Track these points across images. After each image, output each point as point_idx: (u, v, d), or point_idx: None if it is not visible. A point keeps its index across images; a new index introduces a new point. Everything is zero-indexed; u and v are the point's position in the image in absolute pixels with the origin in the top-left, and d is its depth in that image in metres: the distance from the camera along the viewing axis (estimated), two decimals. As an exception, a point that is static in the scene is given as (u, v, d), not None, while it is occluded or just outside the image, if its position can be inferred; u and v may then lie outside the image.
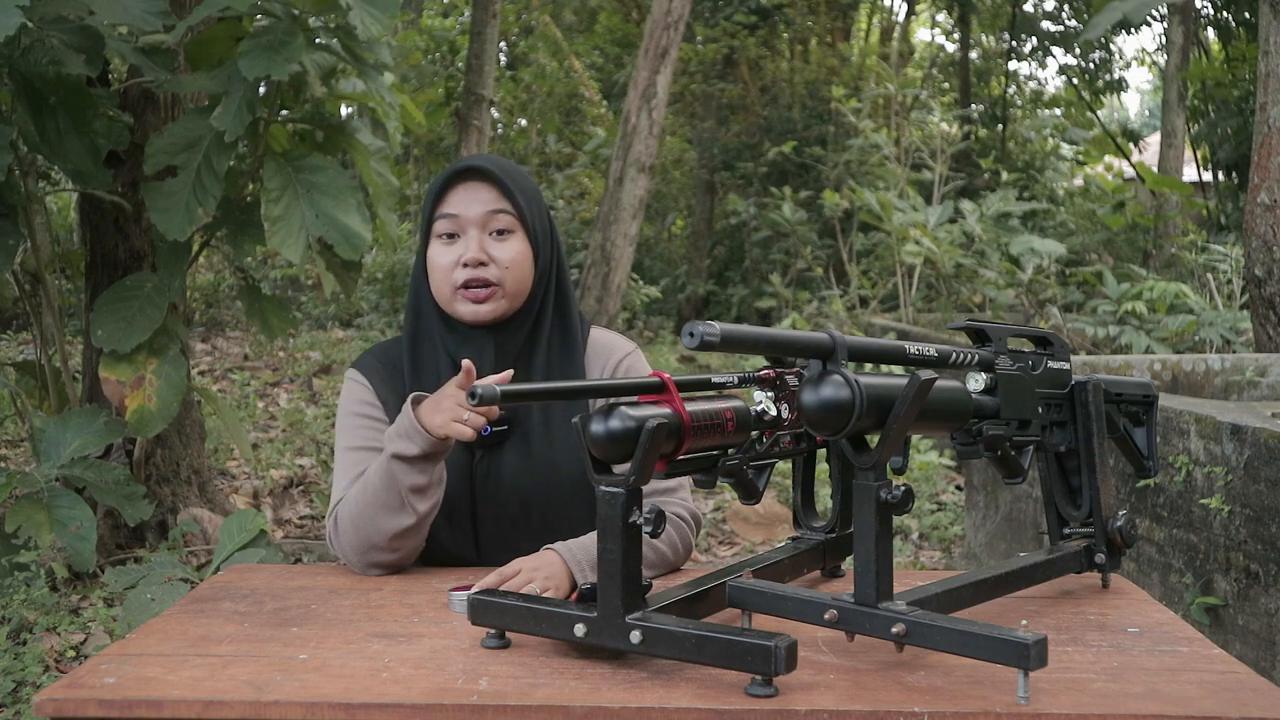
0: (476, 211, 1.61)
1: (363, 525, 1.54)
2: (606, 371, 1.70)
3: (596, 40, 14.82)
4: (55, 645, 3.02)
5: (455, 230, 1.62)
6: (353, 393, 1.68)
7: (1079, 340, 6.86)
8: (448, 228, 1.62)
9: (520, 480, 1.61)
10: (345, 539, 1.56)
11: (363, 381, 1.67)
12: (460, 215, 1.61)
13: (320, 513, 4.56)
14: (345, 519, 1.56)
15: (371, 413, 1.65)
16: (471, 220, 1.61)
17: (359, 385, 1.67)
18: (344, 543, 1.57)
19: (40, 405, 3.56)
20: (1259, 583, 2.44)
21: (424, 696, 1.10)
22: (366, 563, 1.57)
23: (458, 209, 1.62)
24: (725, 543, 4.43)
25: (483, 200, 1.61)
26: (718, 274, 12.36)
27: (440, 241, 1.63)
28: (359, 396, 1.67)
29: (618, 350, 1.73)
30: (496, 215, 1.61)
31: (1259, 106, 4.48)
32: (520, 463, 1.62)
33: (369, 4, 2.97)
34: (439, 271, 1.62)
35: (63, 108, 2.93)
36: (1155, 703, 1.09)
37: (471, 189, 1.62)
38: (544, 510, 1.62)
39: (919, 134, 10.59)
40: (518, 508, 1.62)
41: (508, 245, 1.62)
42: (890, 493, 1.13)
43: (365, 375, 1.68)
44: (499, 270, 1.60)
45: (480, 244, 1.60)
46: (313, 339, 9.21)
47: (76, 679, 1.15)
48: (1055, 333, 1.53)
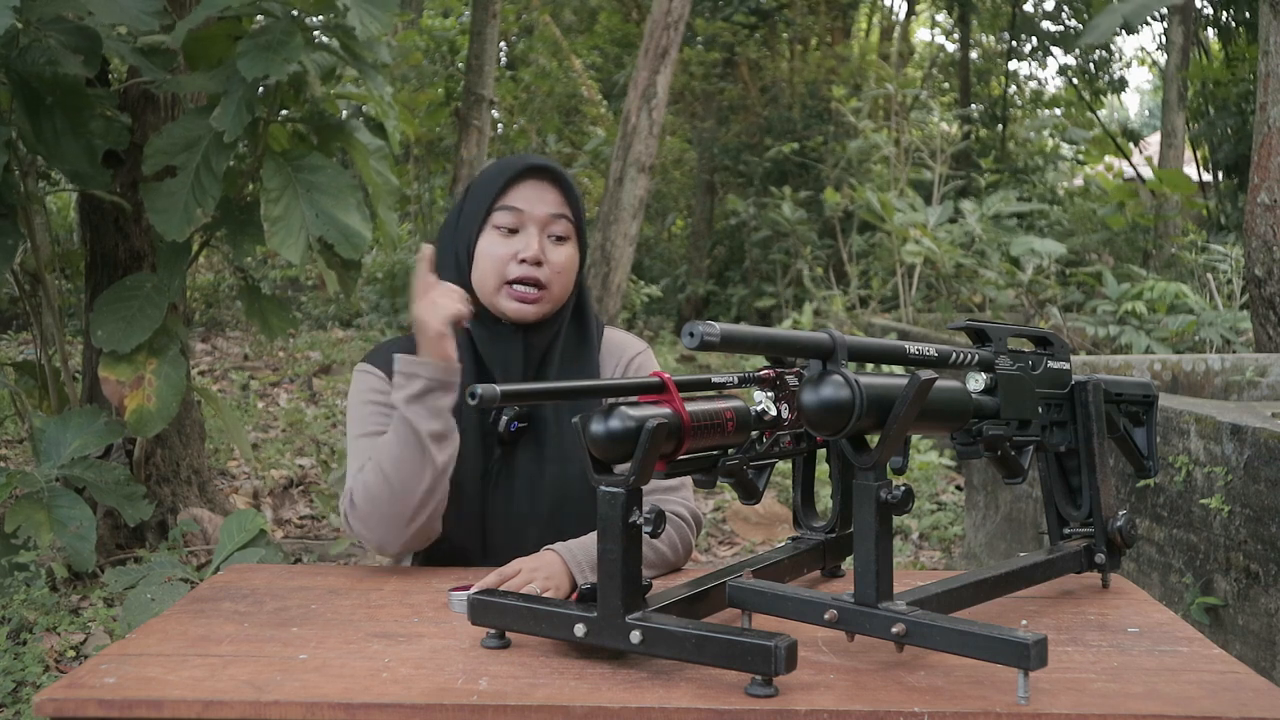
0: (542, 211, 1.62)
1: (381, 492, 1.51)
2: (619, 370, 1.71)
3: (596, 40, 14.82)
4: (55, 645, 3.02)
5: (516, 225, 1.62)
6: (364, 383, 1.67)
7: (1079, 340, 6.86)
8: (509, 221, 1.62)
9: (532, 478, 1.61)
10: (364, 512, 1.53)
11: (375, 372, 1.66)
12: (525, 211, 1.62)
13: (320, 513, 4.56)
14: (364, 491, 1.53)
15: (384, 400, 1.64)
16: (535, 218, 1.62)
17: (371, 376, 1.66)
18: (363, 515, 1.54)
19: (40, 405, 3.56)
20: (1259, 583, 2.44)
21: (424, 696, 1.10)
22: (385, 534, 1.54)
23: (523, 204, 1.62)
24: (725, 543, 4.43)
25: (548, 201, 1.62)
26: (718, 274, 12.36)
27: (498, 232, 1.62)
28: (371, 385, 1.66)
29: (630, 349, 1.74)
30: (558, 220, 1.63)
31: (1259, 106, 4.48)
32: (533, 461, 1.62)
33: (367, 3, 2.97)
34: (490, 261, 1.61)
35: (60, 108, 2.93)
36: (1155, 703, 1.09)
37: (538, 188, 1.63)
38: (552, 509, 1.62)
39: (919, 134, 10.59)
40: (527, 505, 1.62)
41: (563, 250, 1.63)
42: (890, 493, 1.13)
43: (378, 367, 1.67)
44: (550, 273, 1.61)
45: (541, 244, 1.61)
46: (313, 339, 9.21)
47: (76, 679, 1.15)
48: (1055, 333, 1.53)
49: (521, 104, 14.10)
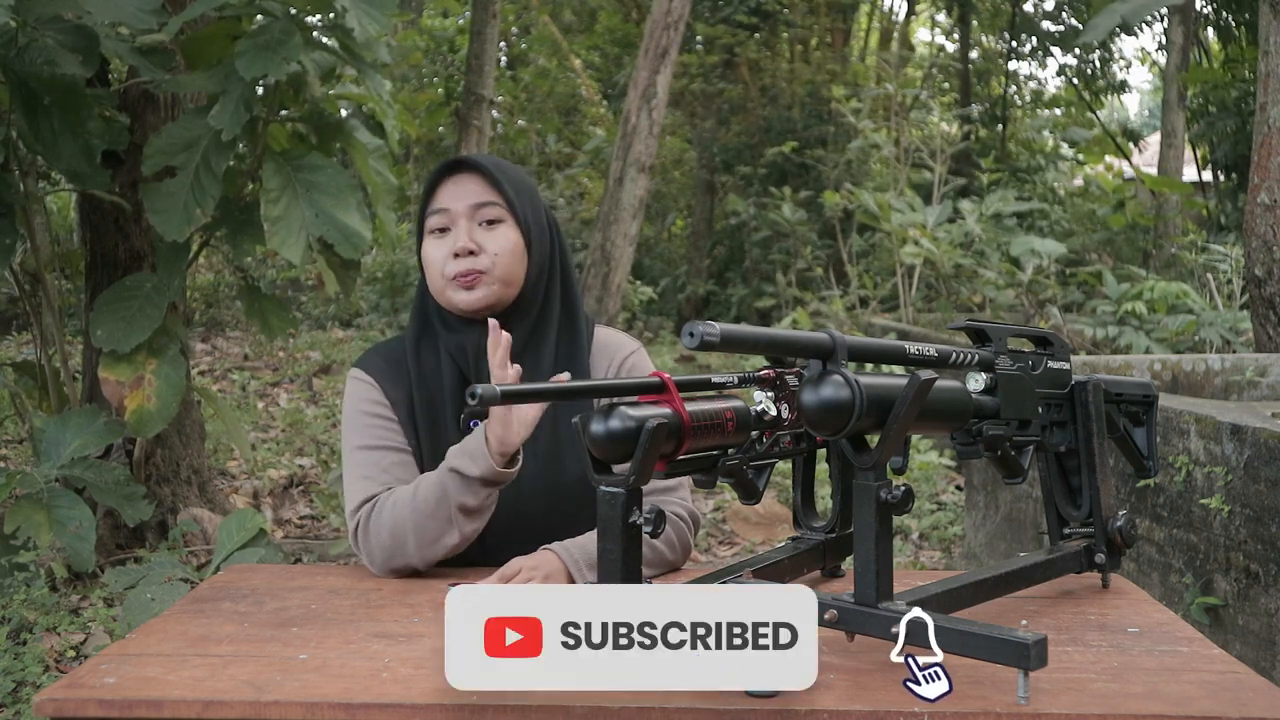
0: (464, 203, 1.63)
1: (402, 535, 1.52)
2: (611, 370, 1.71)
3: (596, 40, 14.81)
4: (55, 645, 3.02)
5: (446, 224, 1.63)
6: (360, 392, 1.67)
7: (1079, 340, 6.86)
8: (439, 222, 1.63)
9: (527, 478, 1.61)
10: (376, 543, 1.55)
11: (369, 380, 1.67)
12: (450, 209, 1.63)
13: (320, 513, 4.56)
14: (382, 525, 1.54)
15: (381, 411, 1.65)
16: (460, 212, 1.62)
17: (366, 384, 1.67)
18: (373, 547, 1.55)
19: (40, 405, 3.56)
20: (1259, 583, 2.44)
21: (424, 696, 1.10)
22: (390, 568, 1.56)
23: (447, 203, 1.63)
24: (725, 543, 4.43)
25: (471, 192, 1.63)
26: (718, 274, 12.35)
27: (433, 237, 1.64)
28: (367, 395, 1.66)
29: (623, 349, 1.73)
30: (484, 207, 1.63)
31: (1259, 106, 4.48)
32: (528, 461, 1.62)
33: (366, 4, 2.97)
34: (433, 265, 1.63)
35: (57, 108, 2.92)
36: (1155, 703, 1.09)
37: (459, 182, 1.64)
38: (549, 509, 1.62)
39: (919, 134, 10.59)
40: (525, 505, 1.62)
41: (496, 234, 1.63)
42: (890, 493, 1.13)
43: (372, 375, 1.67)
44: (488, 258, 1.61)
45: (469, 234, 1.62)
46: (313, 339, 9.20)
47: (76, 679, 1.15)
48: (1055, 333, 1.53)
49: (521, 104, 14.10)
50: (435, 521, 1.51)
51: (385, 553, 1.54)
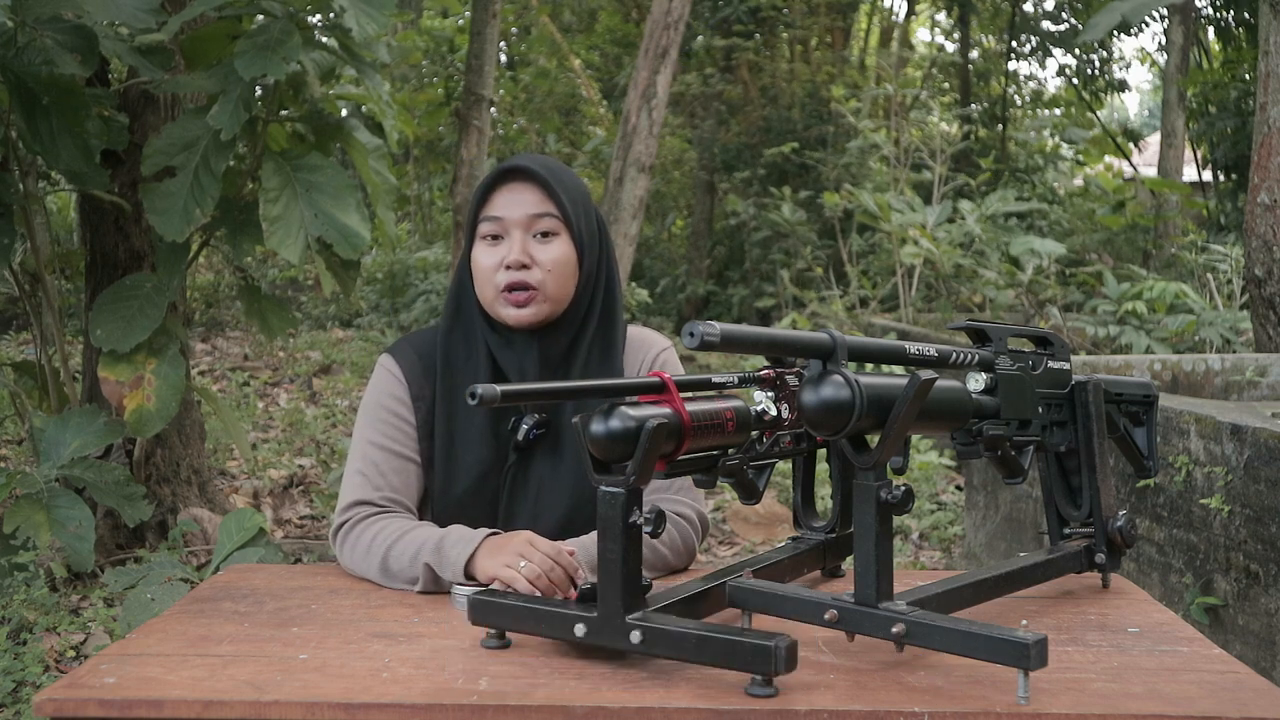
0: (520, 214, 1.59)
1: (367, 571, 1.55)
2: (643, 368, 1.69)
3: (596, 40, 14.81)
4: (55, 645, 3.02)
5: (499, 232, 1.60)
6: (385, 384, 1.66)
7: (1079, 340, 6.86)
8: (492, 230, 1.61)
9: (546, 481, 1.61)
10: (348, 559, 1.59)
11: (398, 375, 1.65)
12: (504, 217, 1.60)
13: (320, 513, 4.56)
14: (356, 551, 1.57)
15: (401, 411, 1.64)
16: (515, 222, 1.59)
17: (393, 378, 1.66)
18: (344, 558, 1.60)
19: (40, 405, 3.56)
20: (1259, 583, 2.44)
21: (424, 696, 1.10)
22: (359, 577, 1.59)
23: (502, 211, 1.60)
24: (725, 543, 4.43)
25: (527, 202, 1.60)
26: (718, 274, 12.34)
27: (485, 243, 1.61)
28: (391, 390, 1.65)
29: (654, 347, 1.72)
30: (540, 218, 1.60)
31: (1259, 106, 4.48)
32: (548, 463, 1.61)
33: (364, 4, 2.97)
34: (482, 273, 1.61)
35: (55, 108, 2.92)
36: (1155, 703, 1.09)
37: (516, 190, 1.61)
38: (567, 515, 1.61)
39: (919, 134, 10.59)
40: (542, 507, 1.61)
41: (551, 247, 1.60)
42: (890, 493, 1.13)
43: (402, 367, 1.66)
44: (541, 273, 1.59)
45: (523, 246, 1.59)
46: (313, 339, 9.20)
47: (76, 679, 1.15)
48: (1055, 333, 1.53)
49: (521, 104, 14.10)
50: (398, 580, 1.52)
51: (352, 569, 1.59)
